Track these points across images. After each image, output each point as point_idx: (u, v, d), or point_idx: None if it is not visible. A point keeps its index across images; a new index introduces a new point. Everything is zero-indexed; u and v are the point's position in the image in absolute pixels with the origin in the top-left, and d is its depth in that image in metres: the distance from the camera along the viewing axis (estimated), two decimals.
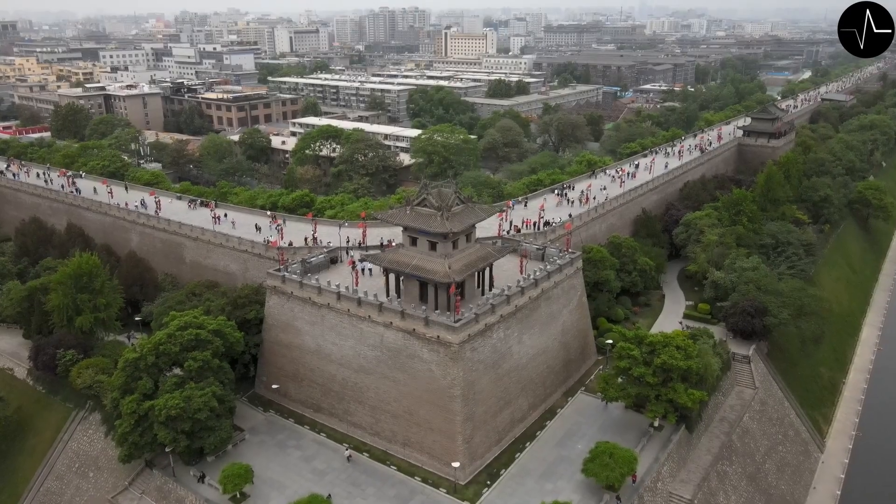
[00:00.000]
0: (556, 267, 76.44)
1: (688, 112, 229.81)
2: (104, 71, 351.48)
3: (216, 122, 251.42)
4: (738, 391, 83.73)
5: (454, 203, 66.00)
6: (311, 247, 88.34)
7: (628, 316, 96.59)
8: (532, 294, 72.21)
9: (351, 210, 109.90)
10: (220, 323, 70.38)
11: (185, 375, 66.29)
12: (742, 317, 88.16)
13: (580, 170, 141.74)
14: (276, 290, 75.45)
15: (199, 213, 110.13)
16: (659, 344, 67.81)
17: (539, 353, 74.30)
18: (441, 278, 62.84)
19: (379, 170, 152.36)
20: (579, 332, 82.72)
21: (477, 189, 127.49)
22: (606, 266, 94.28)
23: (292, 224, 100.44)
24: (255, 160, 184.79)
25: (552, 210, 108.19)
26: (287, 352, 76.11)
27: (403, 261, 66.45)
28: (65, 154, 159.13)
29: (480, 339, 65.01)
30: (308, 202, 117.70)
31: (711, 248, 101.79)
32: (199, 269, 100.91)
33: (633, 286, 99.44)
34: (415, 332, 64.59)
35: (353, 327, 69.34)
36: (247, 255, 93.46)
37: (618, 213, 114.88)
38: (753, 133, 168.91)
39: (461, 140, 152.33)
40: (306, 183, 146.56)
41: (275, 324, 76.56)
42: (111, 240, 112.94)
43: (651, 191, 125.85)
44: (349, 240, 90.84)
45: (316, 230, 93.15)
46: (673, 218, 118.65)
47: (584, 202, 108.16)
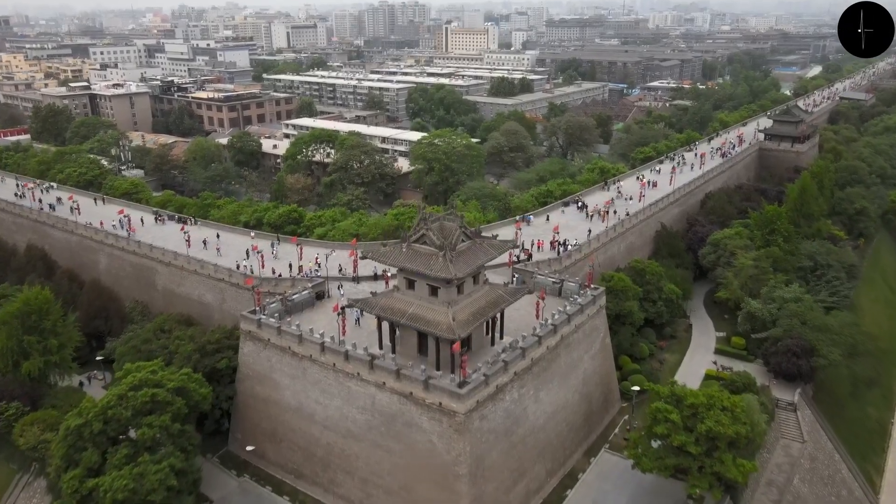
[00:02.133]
0: (578, 307, 65.65)
1: (701, 112, 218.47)
2: (93, 68, 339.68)
3: (207, 123, 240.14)
4: (783, 445, 73.00)
5: (459, 239, 55.18)
6: (296, 277, 77.56)
7: (653, 352, 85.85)
8: (550, 343, 61.47)
9: (343, 228, 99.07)
10: (182, 379, 59.61)
11: (140, 444, 55.61)
12: (786, 357, 77.45)
13: (592, 178, 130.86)
14: (250, 335, 64.72)
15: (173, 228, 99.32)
16: (702, 406, 56.99)
17: (558, 409, 63.62)
18: (444, 332, 52.07)
19: (375, 178, 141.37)
20: (602, 378, 72.02)
21: (482, 202, 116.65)
22: (629, 296, 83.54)
23: (287, 246, 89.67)
24: (244, 165, 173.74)
25: (565, 228, 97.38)
26: (264, 407, 65.42)
27: (398, 308, 55.67)
28: (40, 160, 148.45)
29: (491, 404, 54.31)
30: (296, 218, 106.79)
31: (745, 274, 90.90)
32: (171, 298, 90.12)
33: (658, 317, 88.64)
34: (412, 395, 53.87)
35: (340, 385, 58.62)
36: (224, 285, 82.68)
37: (637, 231, 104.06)
38: (776, 137, 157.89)
39: (464, 146, 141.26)
40: (296, 193, 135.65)
41: (250, 374, 65.88)
42: (78, 262, 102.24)
43: (672, 204, 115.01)
44: (341, 268, 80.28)
45: (302, 256, 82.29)
46: (698, 235, 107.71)
47: (603, 219, 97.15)
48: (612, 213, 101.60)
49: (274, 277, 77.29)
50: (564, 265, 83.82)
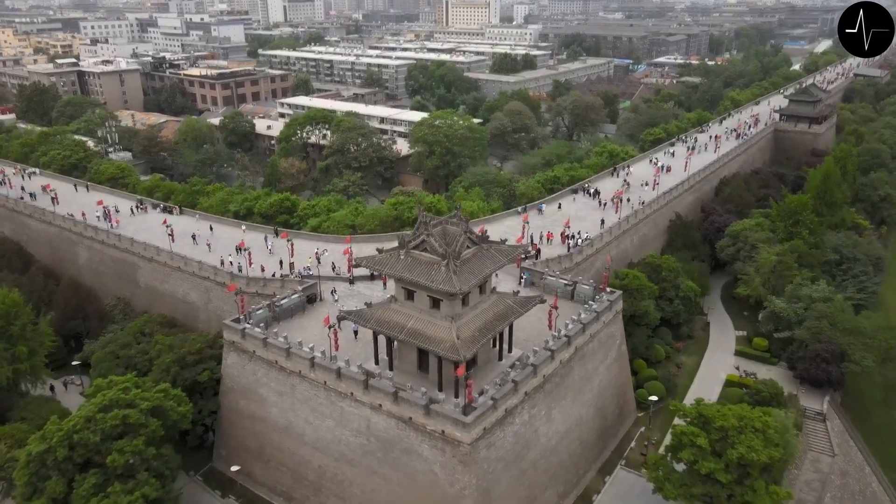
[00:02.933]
0: (593, 315, 59.83)
1: (711, 90, 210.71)
2: (84, 44, 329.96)
3: (200, 101, 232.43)
4: (812, 459, 67.70)
5: (464, 246, 49.17)
6: (286, 276, 71.69)
7: (670, 354, 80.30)
8: (564, 356, 55.78)
9: (338, 219, 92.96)
10: (158, 398, 53.95)
11: (111, 471, 50.21)
12: (815, 363, 71.87)
13: (600, 162, 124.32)
14: (234, 346, 59.02)
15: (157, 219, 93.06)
16: (732, 429, 51.46)
17: (571, 427, 58.16)
18: (447, 352, 46.30)
19: (373, 162, 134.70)
20: (618, 389, 66.52)
21: (485, 188, 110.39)
22: (644, 295, 77.76)
23: (300, 244, 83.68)
24: (237, 147, 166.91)
25: (575, 219, 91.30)
26: (250, 424, 59.97)
27: (396, 322, 49.84)
28: (23, 142, 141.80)
29: (499, 430, 48.76)
30: (289, 207, 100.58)
31: (767, 269, 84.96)
32: (154, 296, 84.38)
33: (675, 316, 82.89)
34: (412, 421, 48.30)
35: (332, 405, 53.05)
36: (209, 284, 76.87)
37: (651, 222, 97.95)
38: (792, 117, 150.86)
39: (466, 128, 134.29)
40: (290, 178, 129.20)
41: (234, 387, 60.30)
42: (57, 255, 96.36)
43: (687, 191, 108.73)
44: (334, 266, 74.42)
45: (293, 253, 76.26)
46: (714, 225, 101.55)
47: (616, 208, 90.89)
48: (626, 200, 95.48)
49: (262, 277, 71.38)
50: (575, 262, 77.94)
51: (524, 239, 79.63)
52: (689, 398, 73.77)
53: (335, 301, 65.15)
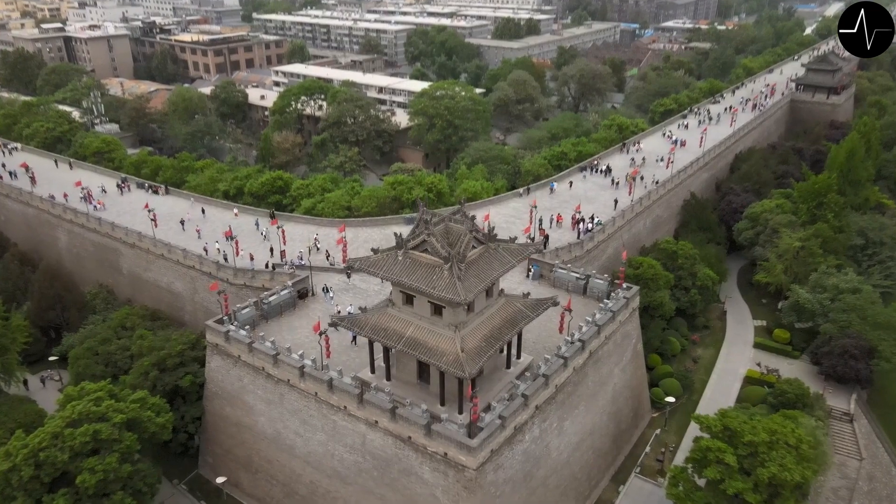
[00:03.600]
0: (609, 315, 54.85)
1: (723, 57, 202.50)
2: (72, 7, 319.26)
3: (192, 69, 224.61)
4: (839, 463, 63.32)
5: (469, 246, 43.92)
6: (278, 266, 66.58)
7: (685, 347, 75.63)
8: (577, 362, 50.97)
9: (333, 200, 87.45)
10: (134, 409, 49.25)
11: (82, 492, 45.86)
12: (842, 359, 67.18)
13: (609, 136, 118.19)
14: (218, 349, 54.19)
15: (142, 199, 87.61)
16: (763, 445, 46.91)
17: (584, 437, 53.70)
18: (450, 366, 41.42)
19: (371, 136, 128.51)
20: (633, 390, 61.96)
21: (489, 165, 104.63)
22: (660, 285, 72.79)
23: (291, 228, 78.59)
24: (230, 118, 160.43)
25: (585, 200, 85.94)
26: (236, 432, 55.51)
27: (393, 329, 44.87)
28: (5, 113, 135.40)
29: (508, 449, 44.18)
30: (281, 187, 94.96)
31: (790, 256, 79.79)
32: (138, 284, 79.48)
33: (692, 306, 78.00)
34: (411, 441, 43.69)
35: (324, 417, 48.43)
36: (195, 273, 71.82)
37: (664, 202, 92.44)
38: (809, 87, 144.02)
39: (468, 100, 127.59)
40: (284, 153, 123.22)
41: (219, 393, 55.66)
42: (36, 238, 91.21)
43: (701, 168, 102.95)
44: (328, 255, 69.34)
45: (284, 240, 71.05)
46: (731, 206, 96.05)
47: (630, 189, 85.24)
48: (639, 179, 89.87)
49: (250, 269, 66.25)
50: (586, 249, 72.74)
51: (532, 224, 74.38)
52: (707, 396, 69.58)
53: (330, 298, 60.09)
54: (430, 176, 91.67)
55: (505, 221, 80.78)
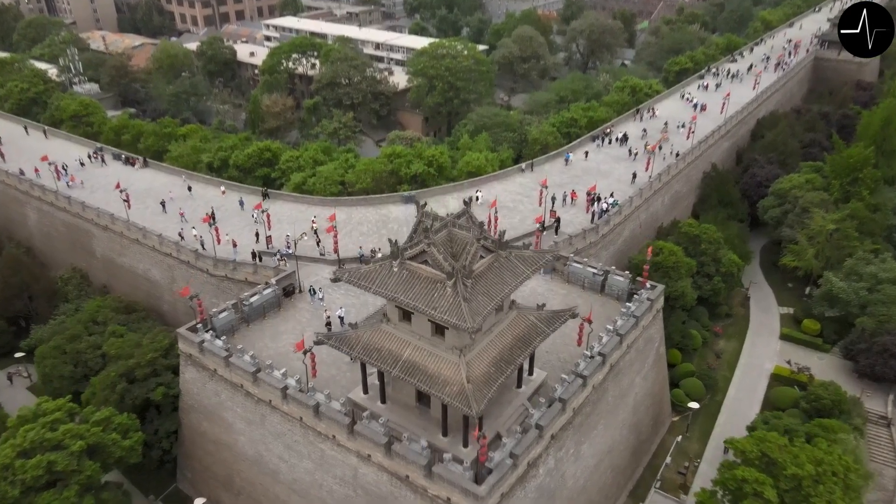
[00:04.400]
0: (632, 322, 48.71)
1: (740, 9, 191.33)
2: None
3: (179, 21, 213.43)
4: (874, 470, 58.21)
5: (476, 256, 37.43)
6: (259, 262, 60.20)
7: (706, 339, 69.82)
8: (597, 379, 45.08)
9: (325, 175, 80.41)
10: (95, 433, 43.61)
11: None
12: (882, 358, 61.48)
13: (621, 99, 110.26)
14: (192, 360, 48.26)
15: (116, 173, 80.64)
16: (808, 478, 41.39)
17: (602, 458, 48.26)
18: (454, 399, 35.49)
19: (367, 98, 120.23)
20: (654, 397, 56.34)
21: (493, 133, 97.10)
22: (682, 273, 66.55)
23: (279, 208, 71.98)
24: (217, 76, 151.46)
25: (598, 174, 79.09)
26: (215, 450, 50.05)
27: (388, 350, 38.78)
28: None
29: (520, 488, 38.59)
30: (269, 159, 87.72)
31: (822, 238, 73.28)
32: (113, 269, 73.28)
33: (714, 294, 71.90)
34: (409, 480, 38.07)
35: (311, 444, 42.80)
36: (172, 262, 65.48)
37: (684, 176, 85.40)
38: (835, 44, 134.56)
39: (471, 60, 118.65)
40: (274, 118, 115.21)
41: (195, 406, 49.99)
42: (5, 216, 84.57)
43: (723, 137, 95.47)
44: (319, 241, 62.98)
45: (270, 225, 64.46)
46: (755, 179, 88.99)
47: (647, 166, 78.09)
48: (657, 150, 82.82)
49: (231, 260, 59.80)
50: (601, 234, 66.22)
51: (543, 204, 67.72)
52: (731, 396, 64.09)
53: (319, 299, 53.81)
54: (431, 148, 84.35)
55: (512, 200, 74.26)
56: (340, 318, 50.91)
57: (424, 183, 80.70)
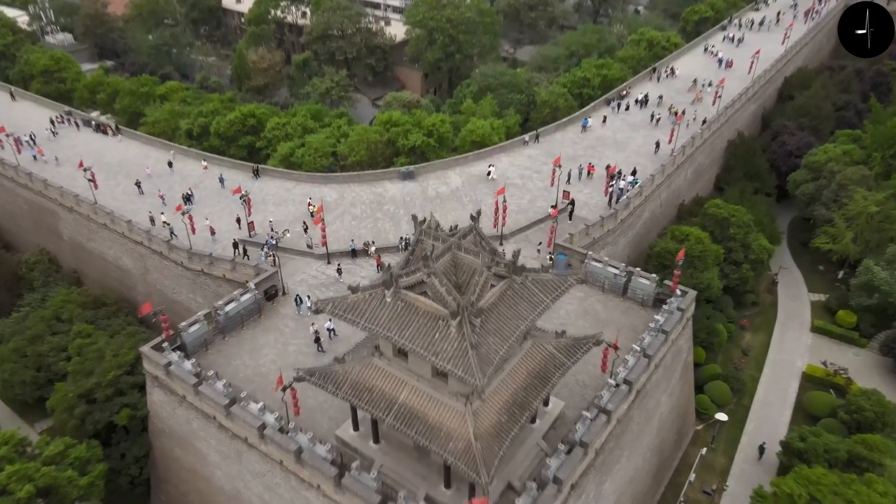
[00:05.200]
0: (661, 338, 42.55)
1: None
2: None
3: None
4: None
5: (487, 285, 30.94)
6: (245, 255, 53.78)
7: (732, 333, 63.89)
8: (622, 411, 39.22)
9: (315, 146, 73.06)
10: (47, 474, 38.01)
11: None
12: None
13: (637, 54, 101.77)
14: (159, 381, 42.34)
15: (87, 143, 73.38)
16: None
17: (624, 490, 42.93)
18: (459, 459, 29.68)
19: (362, 53, 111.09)
20: (679, 410, 50.80)
21: (498, 95, 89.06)
22: (708, 262, 60.17)
23: (264, 185, 65.04)
24: (202, 25, 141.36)
25: (613, 144, 71.88)
26: (190, 478, 44.68)
27: (380, 391, 32.76)
28: None
29: None
30: (254, 126, 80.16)
31: (863, 221, 66.54)
32: (81, 254, 66.89)
33: (742, 283, 65.63)
34: None
35: (293, 490, 37.25)
36: (144, 251, 58.97)
37: (708, 145, 77.99)
38: None
39: (475, 11, 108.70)
40: (261, 75, 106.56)
41: (166, 431, 44.35)
42: None
43: (750, 99, 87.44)
44: (306, 228, 56.47)
45: (250, 211, 57.67)
46: (785, 148, 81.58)
47: (671, 138, 70.60)
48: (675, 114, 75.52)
49: (207, 255, 53.22)
50: (620, 219, 59.49)
51: (556, 184, 60.76)
52: (759, 399, 58.52)
53: (308, 307, 47.32)
54: (431, 116, 76.57)
55: (520, 176, 67.39)
56: (330, 330, 44.83)
57: (424, 156, 73.44)
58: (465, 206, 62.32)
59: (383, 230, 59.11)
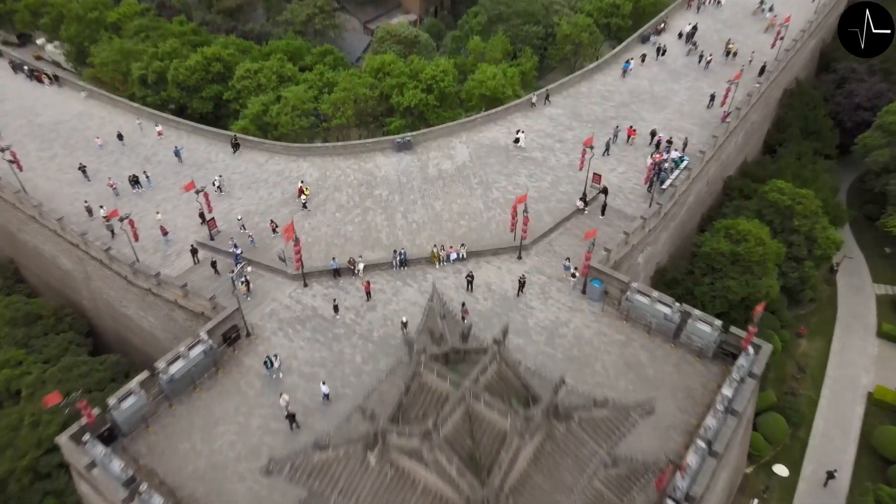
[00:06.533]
0: (731, 422, 32.85)
1: None
2: None
3: None
4: None
5: (517, 453, 20.81)
6: (214, 268, 43.30)
7: (786, 342, 54.24)
8: None
9: (293, 102, 60.64)
10: None
11: None
12: None
13: None
14: (84, 477, 33.10)
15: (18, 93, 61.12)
16: None
17: None
18: None
19: None
20: (735, 470, 42.01)
21: (511, 27, 75.01)
22: (768, 267, 49.65)
23: (230, 159, 53.51)
24: None
25: (649, 100, 59.45)
26: None
27: None
28: None
29: None
30: (220, 73, 67.18)
31: None
32: (16, 245, 56.43)
33: (801, 283, 55.30)
34: None
35: None
36: (81, 254, 48.34)
37: (763, 99, 65.11)
38: None
39: None
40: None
41: None
42: None
43: (811, 34, 73.31)
44: (275, 229, 45.86)
45: (210, 206, 46.62)
46: (853, 100, 68.83)
47: (726, 99, 57.77)
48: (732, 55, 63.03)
49: (153, 275, 42.54)
50: (664, 212, 48.45)
51: (586, 167, 49.09)
52: (818, 431, 49.77)
53: (278, 371, 37.13)
54: (431, 65, 63.23)
55: (540, 147, 56.01)
56: (325, 395, 35.10)
57: (423, 117, 61.13)
58: (473, 190, 51.09)
59: (374, 227, 48.22)
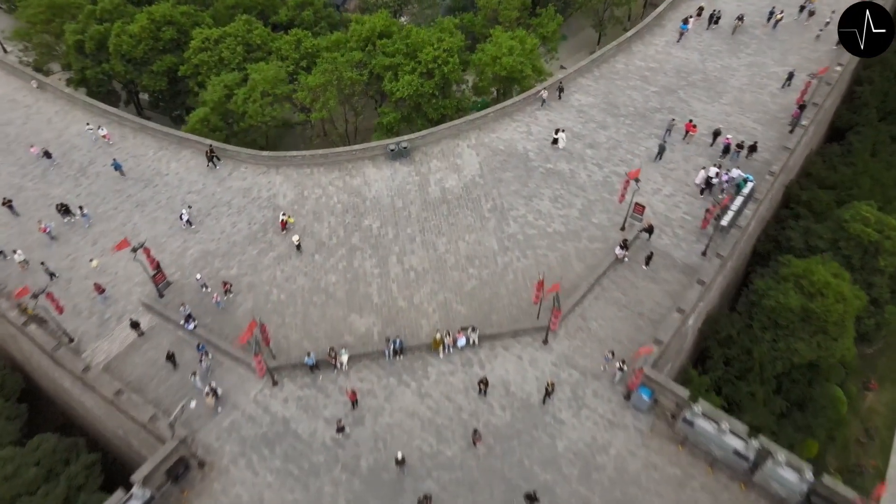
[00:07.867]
0: None
1: None
2: None
3: None
4: None
5: None
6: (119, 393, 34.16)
7: (852, 398, 45.85)
8: None
9: (261, 88, 49.35)
10: None
11: None
12: None
13: None
14: None
15: None
16: None
17: None
18: None
19: None
20: None
21: None
22: (846, 326, 40.45)
23: (172, 167, 43.26)
24: None
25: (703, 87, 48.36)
26: None
27: None
28: None
29: None
30: (174, 40, 54.91)
31: None
32: None
33: (877, 329, 46.14)
34: None
35: None
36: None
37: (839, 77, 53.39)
38: None
39: None
40: None
41: None
42: None
43: None
44: (228, 291, 36.84)
45: (153, 262, 36.87)
46: None
47: (804, 93, 46.40)
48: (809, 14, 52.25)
49: (81, 368, 33.44)
50: (726, 238, 38.78)
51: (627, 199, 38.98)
52: None
53: None
54: (432, 38, 50.78)
55: (566, 154, 46.80)
56: None
57: (421, 109, 49.76)
58: (485, 221, 41.22)
59: (362, 276, 38.73)
